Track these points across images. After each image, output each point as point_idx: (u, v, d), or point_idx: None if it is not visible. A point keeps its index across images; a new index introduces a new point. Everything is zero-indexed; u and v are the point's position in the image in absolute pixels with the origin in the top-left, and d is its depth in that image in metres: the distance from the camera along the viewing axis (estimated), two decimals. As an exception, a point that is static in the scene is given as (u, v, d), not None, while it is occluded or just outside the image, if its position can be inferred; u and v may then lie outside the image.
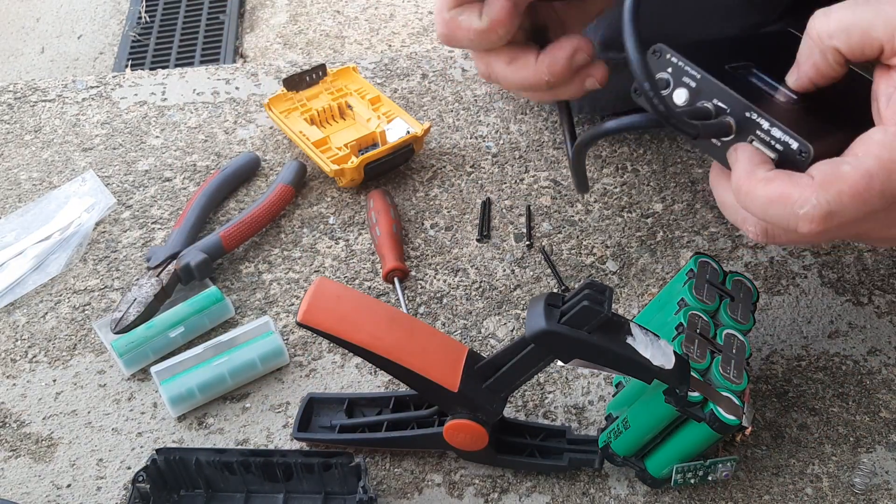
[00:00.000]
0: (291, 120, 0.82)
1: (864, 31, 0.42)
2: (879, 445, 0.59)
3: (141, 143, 0.85)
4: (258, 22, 1.56)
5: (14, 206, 0.80)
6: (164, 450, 0.56)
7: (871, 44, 0.42)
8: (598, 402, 0.62)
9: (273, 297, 0.71)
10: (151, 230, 0.77)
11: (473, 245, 0.74)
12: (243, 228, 0.73)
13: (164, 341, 0.66)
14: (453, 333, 0.67)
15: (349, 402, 0.61)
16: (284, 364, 0.66)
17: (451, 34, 0.50)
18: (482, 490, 0.58)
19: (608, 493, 0.57)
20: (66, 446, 0.62)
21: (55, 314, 0.71)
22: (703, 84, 0.45)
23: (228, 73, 0.93)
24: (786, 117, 0.44)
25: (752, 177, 0.42)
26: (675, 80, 0.46)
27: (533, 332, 0.47)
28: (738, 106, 0.44)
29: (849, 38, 0.43)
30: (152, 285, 0.69)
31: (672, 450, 0.53)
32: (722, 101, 0.45)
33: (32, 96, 0.92)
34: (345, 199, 0.79)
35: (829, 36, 0.44)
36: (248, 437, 0.62)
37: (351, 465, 0.55)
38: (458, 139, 0.84)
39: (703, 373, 0.51)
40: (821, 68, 0.45)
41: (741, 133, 0.44)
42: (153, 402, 0.64)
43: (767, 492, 0.57)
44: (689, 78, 0.46)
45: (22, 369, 0.67)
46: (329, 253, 0.74)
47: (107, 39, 1.56)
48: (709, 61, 0.46)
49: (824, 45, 0.44)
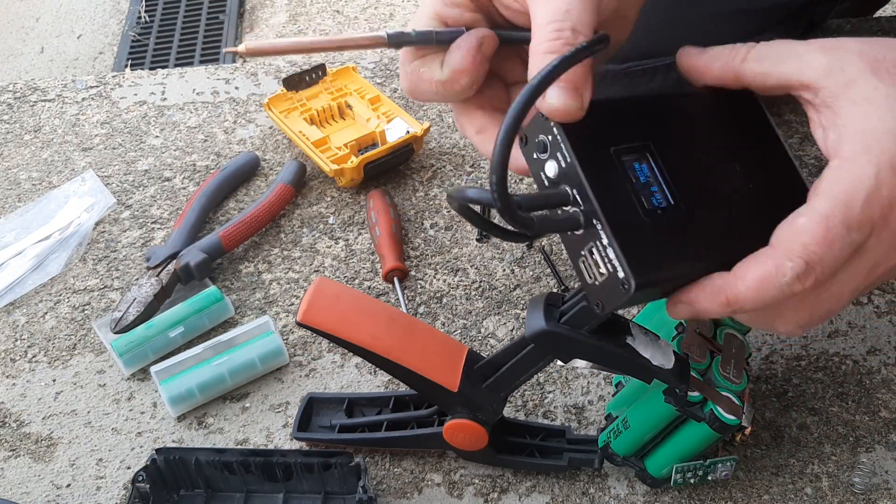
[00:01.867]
0: (291, 120, 0.82)
1: (774, 66, 0.43)
2: (879, 445, 0.59)
3: (141, 143, 0.85)
4: (258, 22, 1.56)
5: (14, 206, 0.80)
6: (164, 449, 0.56)
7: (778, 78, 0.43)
8: (598, 402, 0.62)
9: (273, 297, 0.71)
10: (151, 230, 0.77)
11: (473, 245, 0.74)
12: (243, 228, 0.73)
13: (163, 341, 0.66)
14: (453, 333, 0.67)
15: (349, 401, 0.61)
16: (284, 364, 0.66)
17: (415, 87, 0.48)
18: (482, 490, 0.58)
19: (608, 492, 0.57)
20: (65, 446, 0.62)
21: (55, 314, 0.71)
22: (569, 168, 0.41)
23: (228, 72, 0.93)
24: (633, 235, 0.40)
25: (727, 287, 0.41)
26: (552, 150, 0.42)
27: (533, 332, 0.47)
28: (589, 206, 0.40)
29: (759, 65, 0.44)
30: (152, 285, 0.69)
31: (672, 450, 0.53)
32: (580, 193, 0.40)
33: (32, 96, 0.92)
34: (345, 198, 0.79)
35: (742, 60, 0.44)
36: (248, 436, 0.62)
37: (351, 465, 0.55)
38: (457, 139, 0.84)
39: (703, 373, 0.51)
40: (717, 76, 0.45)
41: (586, 235, 0.40)
42: (153, 401, 0.64)
43: (767, 491, 0.57)
44: (562, 155, 0.41)
45: (22, 369, 0.67)
46: (329, 253, 0.74)
47: (106, 39, 1.56)
48: (603, 135, 0.42)
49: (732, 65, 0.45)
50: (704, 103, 0.47)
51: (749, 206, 0.44)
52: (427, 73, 0.46)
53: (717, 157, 0.45)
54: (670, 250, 0.41)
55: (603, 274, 0.40)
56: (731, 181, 0.44)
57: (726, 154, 0.45)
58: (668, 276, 0.41)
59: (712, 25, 0.73)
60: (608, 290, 0.40)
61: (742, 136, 0.47)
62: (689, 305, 0.42)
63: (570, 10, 0.42)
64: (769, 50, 0.44)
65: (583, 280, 0.42)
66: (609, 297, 0.40)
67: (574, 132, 0.41)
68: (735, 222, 0.43)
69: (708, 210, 0.43)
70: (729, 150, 0.46)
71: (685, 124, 0.46)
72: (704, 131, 0.46)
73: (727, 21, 0.74)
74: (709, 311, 0.42)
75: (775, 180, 0.46)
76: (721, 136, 0.46)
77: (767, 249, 0.41)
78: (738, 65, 0.45)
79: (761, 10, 0.74)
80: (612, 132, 0.43)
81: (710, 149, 0.45)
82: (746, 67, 0.44)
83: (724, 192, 0.44)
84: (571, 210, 0.41)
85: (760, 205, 0.44)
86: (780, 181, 0.46)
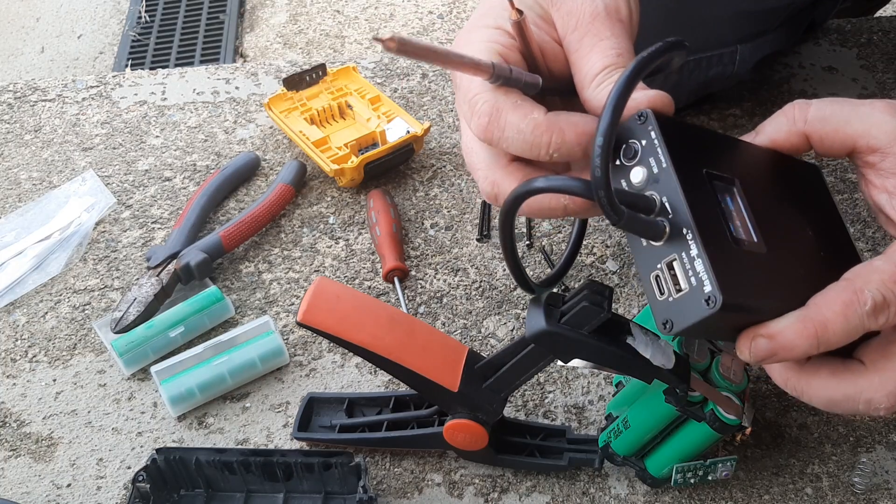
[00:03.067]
0: (291, 120, 0.82)
1: (839, 127, 0.43)
2: (879, 445, 0.59)
3: (141, 143, 0.85)
4: (258, 21, 1.56)
5: (14, 206, 0.80)
6: (164, 449, 0.56)
7: (844, 140, 0.43)
8: (598, 402, 0.62)
9: (273, 297, 0.71)
10: (151, 230, 0.77)
11: (473, 245, 0.74)
12: (243, 228, 0.73)
13: (164, 341, 0.66)
14: (453, 333, 0.67)
15: (349, 401, 0.61)
16: (284, 364, 0.66)
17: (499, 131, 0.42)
18: (482, 490, 0.58)
19: (608, 492, 0.57)
20: (66, 446, 0.62)
21: (55, 314, 0.71)
22: (663, 175, 0.39)
23: (228, 72, 0.93)
24: (723, 255, 0.38)
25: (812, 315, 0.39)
26: (643, 154, 0.40)
27: (533, 332, 0.47)
28: (681, 217, 0.38)
29: (823, 127, 0.43)
30: (152, 285, 0.69)
31: (672, 449, 0.53)
32: (670, 202, 0.39)
33: (32, 96, 0.92)
34: (345, 198, 0.79)
35: (804, 121, 0.44)
36: (248, 436, 0.62)
37: (351, 465, 0.55)
38: (458, 139, 0.84)
39: (704, 373, 0.51)
40: (782, 140, 0.45)
41: (670, 245, 0.39)
42: (153, 401, 0.64)
43: (767, 491, 0.57)
44: (656, 162, 0.40)
45: (22, 369, 0.67)
46: (329, 252, 0.74)
47: (107, 39, 1.56)
48: (694, 154, 0.41)
49: (796, 127, 0.44)
50: (777, 161, 0.46)
51: (821, 266, 0.43)
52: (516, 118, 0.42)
53: (792, 214, 0.45)
54: (757, 281, 0.40)
55: (683, 289, 0.38)
56: (804, 239, 0.44)
57: (800, 214, 0.45)
58: (753, 306, 0.40)
59: (714, 27, 0.73)
60: (685, 306, 0.38)
61: (810, 202, 0.47)
62: (769, 339, 0.40)
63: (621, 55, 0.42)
64: (831, 108, 0.44)
65: (651, 295, 0.40)
66: (685, 315, 0.38)
67: (672, 140, 0.40)
68: (808, 276, 0.42)
69: (788, 257, 0.42)
70: (802, 210, 0.45)
71: (765, 173, 0.45)
72: (781, 186, 0.45)
73: (729, 23, 0.74)
74: (793, 343, 0.39)
75: (837, 251, 0.46)
76: (795, 196, 0.46)
77: (841, 282, 0.40)
78: (803, 127, 0.44)
79: (763, 11, 0.74)
80: (703, 156, 0.42)
81: (788, 204, 0.45)
82: (811, 129, 0.44)
83: (800, 247, 0.43)
84: (658, 219, 0.39)
85: (829, 269, 0.42)
86: (839, 253, 0.46)
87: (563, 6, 0.44)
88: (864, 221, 0.73)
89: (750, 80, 0.81)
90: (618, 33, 0.43)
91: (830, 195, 0.49)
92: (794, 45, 0.90)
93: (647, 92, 0.41)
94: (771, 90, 0.86)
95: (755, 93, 0.85)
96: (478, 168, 0.46)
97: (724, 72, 0.76)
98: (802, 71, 0.88)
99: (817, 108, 0.44)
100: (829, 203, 0.48)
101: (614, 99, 0.36)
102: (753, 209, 0.41)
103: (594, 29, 0.43)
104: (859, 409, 0.42)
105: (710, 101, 0.84)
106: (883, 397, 0.41)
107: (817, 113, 0.44)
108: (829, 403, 0.43)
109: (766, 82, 0.87)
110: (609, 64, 0.42)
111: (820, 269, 0.43)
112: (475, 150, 0.46)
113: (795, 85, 0.87)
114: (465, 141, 0.47)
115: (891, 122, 0.42)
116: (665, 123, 0.41)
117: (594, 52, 0.42)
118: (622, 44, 0.43)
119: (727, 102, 0.84)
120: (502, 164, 0.45)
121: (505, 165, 0.45)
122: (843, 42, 0.92)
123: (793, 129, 0.44)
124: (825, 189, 0.49)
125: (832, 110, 0.44)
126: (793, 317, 0.39)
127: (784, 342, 0.39)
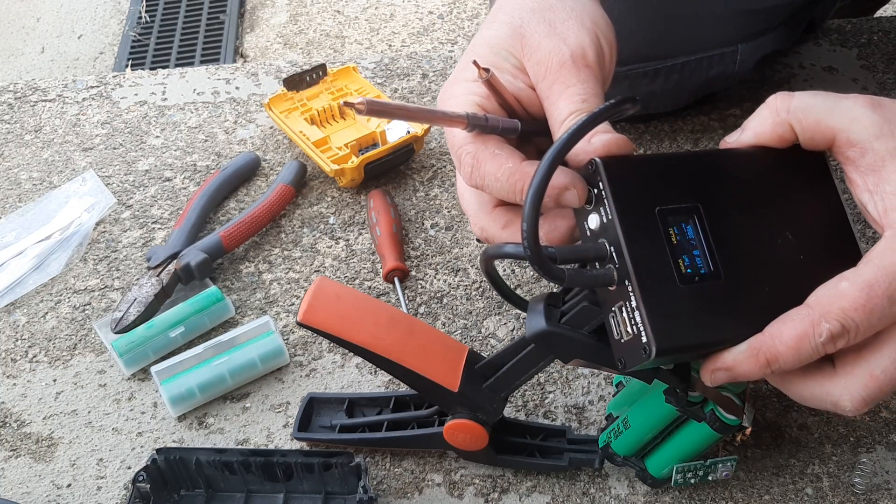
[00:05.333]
0: (291, 120, 0.82)
1: (820, 118, 0.43)
2: (880, 445, 0.59)
3: (141, 143, 0.85)
4: (258, 22, 1.56)
5: (14, 206, 0.80)
6: (165, 449, 0.56)
7: (825, 132, 0.43)
8: (599, 402, 0.62)
9: (273, 297, 0.71)
10: (151, 230, 0.77)
11: (474, 245, 0.74)
12: (243, 228, 0.73)
13: (164, 341, 0.66)
14: (453, 333, 0.67)
15: (349, 401, 0.61)
16: (284, 364, 0.66)
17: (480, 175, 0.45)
18: (482, 490, 0.58)
19: (608, 492, 0.57)
20: (66, 446, 0.62)
21: (55, 314, 0.71)
22: (609, 225, 0.41)
23: (228, 72, 0.93)
24: (663, 301, 0.40)
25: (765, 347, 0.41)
26: (596, 203, 0.42)
27: (533, 332, 0.47)
28: (623, 267, 0.40)
29: (805, 117, 0.44)
30: (152, 285, 0.69)
31: (672, 450, 0.53)
32: (616, 252, 0.40)
33: (32, 96, 0.92)
34: (345, 198, 0.79)
35: (787, 111, 0.44)
36: (249, 436, 0.62)
37: (351, 465, 0.55)
38: (458, 139, 0.84)
39: (704, 373, 0.51)
40: (768, 133, 0.45)
41: (618, 293, 0.41)
42: (153, 401, 0.64)
43: (767, 492, 0.57)
44: (605, 211, 0.41)
45: (22, 369, 0.67)
46: (329, 253, 0.74)
47: (107, 39, 1.56)
48: (648, 194, 0.42)
49: (780, 118, 0.44)
50: (761, 161, 0.46)
51: (795, 275, 0.43)
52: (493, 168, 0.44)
53: (768, 223, 0.44)
54: (700, 320, 0.41)
55: (629, 333, 0.41)
56: (779, 249, 0.44)
57: (779, 220, 0.45)
58: (693, 345, 0.42)
59: (713, 27, 0.73)
60: (631, 351, 0.41)
61: (799, 199, 0.46)
62: (726, 371, 0.42)
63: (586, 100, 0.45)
64: (814, 100, 0.44)
65: (610, 334, 0.42)
66: (631, 358, 0.41)
67: (621, 187, 0.41)
68: (778, 292, 0.42)
69: (750, 279, 0.42)
70: (782, 215, 0.45)
71: (739, 185, 0.45)
72: (759, 193, 0.45)
73: (728, 22, 0.74)
74: (748, 373, 0.42)
75: (828, 248, 0.45)
76: (776, 200, 0.45)
77: (801, 309, 0.41)
78: (786, 116, 0.44)
79: (763, 10, 0.74)
80: (661, 190, 0.42)
81: (763, 214, 0.45)
82: (793, 119, 0.44)
83: (771, 261, 0.43)
84: (607, 266, 0.41)
85: (808, 274, 0.43)
86: (833, 249, 0.45)
87: (533, 56, 0.47)
88: (864, 221, 0.73)
89: (750, 79, 0.81)
90: (584, 79, 0.46)
91: (833, 180, 0.47)
92: (794, 44, 0.90)
93: (603, 137, 0.43)
94: (771, 90, 0.86)
95: (755, 93, 0.85)
96: (468, 213, 0.50)
97: (725, 71, 0.76)
98: (803, 71, 0.88)
99: (800, 99, 0.44)
100: (829, 189, 0.47)
101: (535, 187, 0.39)
102: (715, 235, 0.42)
103: (561, 77, 0.46)
104: (828, 408, 0.44)
105: (710, 101, 0.84)
106: (848, 401, 0.42)
107: (800, 103, 0.44)
108: (802, 399, 0.45)
109: (766, 82, 0.87)
110: (574, 110, 0.45)
111: (797, 275, 0.43)
112: (465, 196, 0.50)
113: (796, 85, 0.87)
114: (458, 186, 0.52)
115: (871, 116, 0.42)
116: (619, 167, 0.42)
117: (561, 99, 0.45)
118: (588, 89, 0.45)
119: (727, 102, 0.84)
120: (488, 209, 0.49)
121: (490, 211, 0.49)
122: (844, 42, 0.92)
123: (777, 119, 0.44)
124: (827, 174, 0.47)
125: (815, 101, 0.44)
126: (745, 346, 0.42)
127: (740, 373, 0.42)
